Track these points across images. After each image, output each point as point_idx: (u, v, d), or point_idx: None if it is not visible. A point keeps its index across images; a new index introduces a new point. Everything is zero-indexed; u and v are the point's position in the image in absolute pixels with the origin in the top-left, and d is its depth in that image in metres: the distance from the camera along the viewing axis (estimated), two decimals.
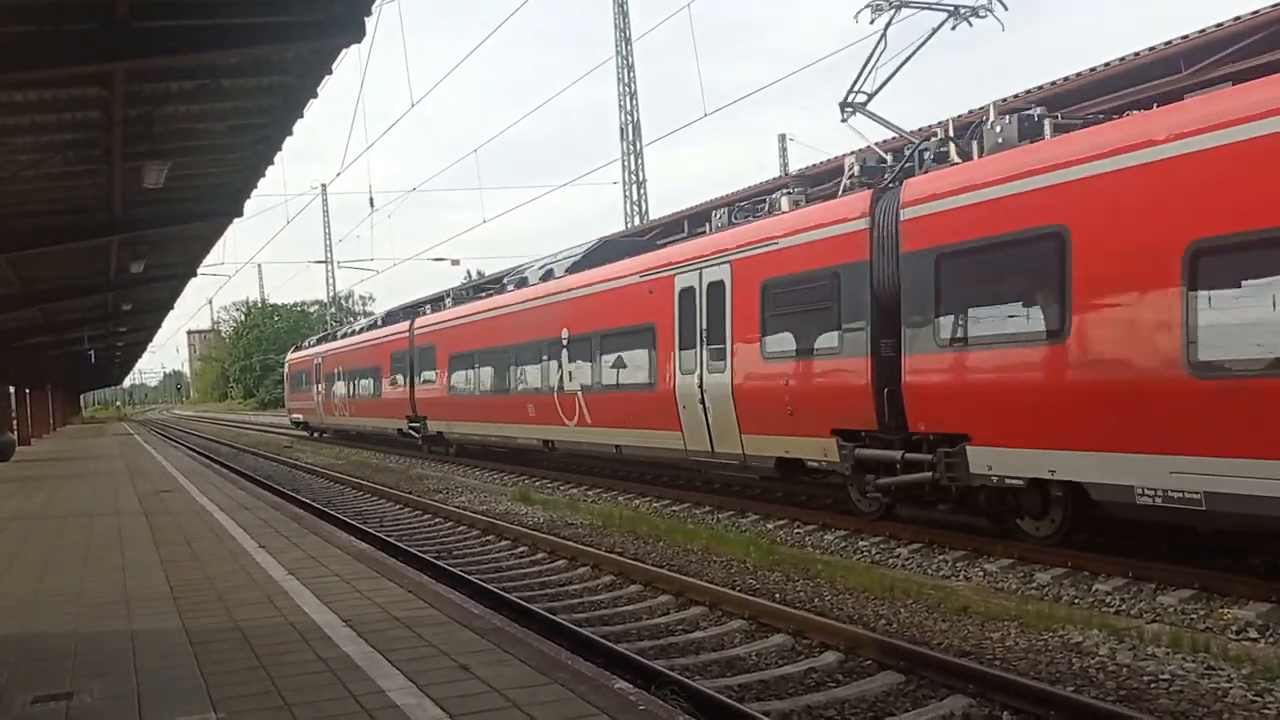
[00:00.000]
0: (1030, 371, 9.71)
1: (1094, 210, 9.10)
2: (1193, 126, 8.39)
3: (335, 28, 9.66)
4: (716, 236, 15.02)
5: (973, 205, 10.26)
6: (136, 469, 23.02)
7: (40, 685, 5.51)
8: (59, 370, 53.82)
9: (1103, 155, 9.08)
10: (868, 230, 11.65)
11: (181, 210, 17.93)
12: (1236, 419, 7.89)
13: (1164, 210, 8.47)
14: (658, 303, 15.78)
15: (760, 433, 13.71)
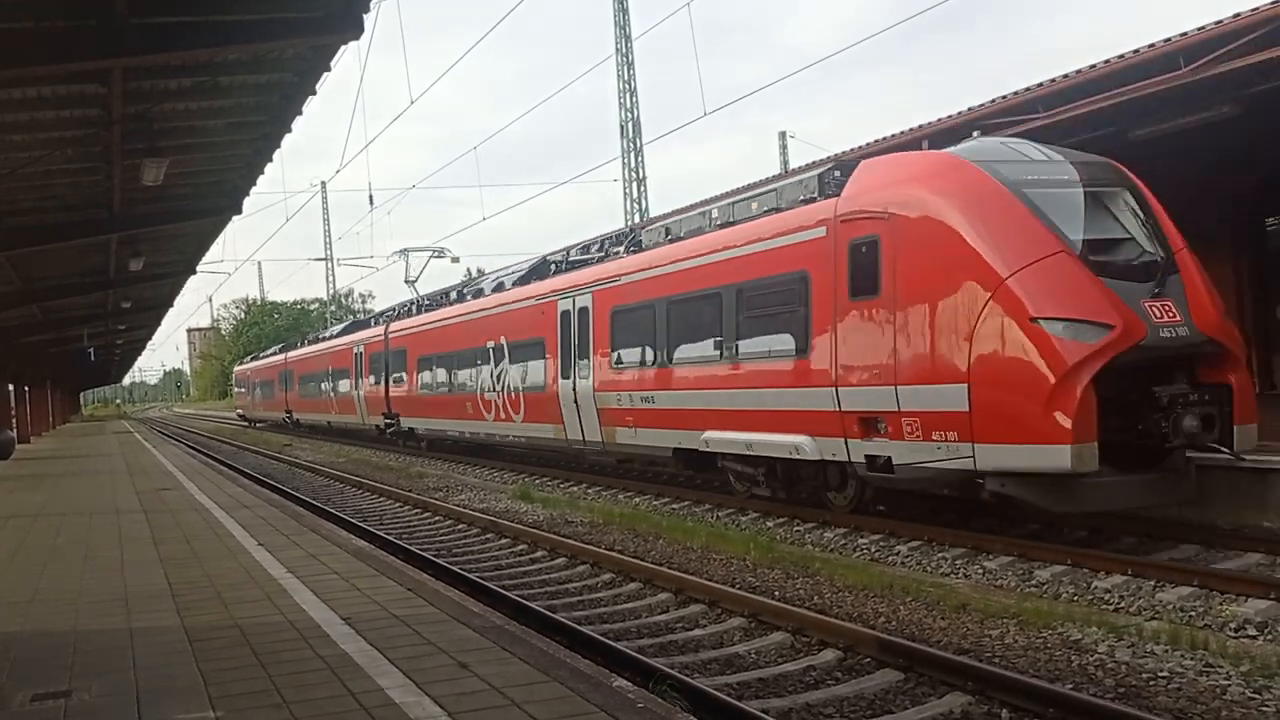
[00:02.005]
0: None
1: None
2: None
3: (334, 24, 9.65)
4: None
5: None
6: (136, 467, 23.03)
7: (39, 683, 5.51)
8: (59, 368, 53.81)
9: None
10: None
11: (181, 208, 17.93)
12: None
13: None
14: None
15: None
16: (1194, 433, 9.86)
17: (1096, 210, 10.69)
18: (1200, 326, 10.10)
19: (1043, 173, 10.97)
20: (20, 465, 26.24)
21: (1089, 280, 9.92)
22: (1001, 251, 10.15)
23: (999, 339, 9.98)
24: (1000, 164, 10.95)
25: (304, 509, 14.42)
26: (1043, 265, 9.98)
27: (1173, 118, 14.45)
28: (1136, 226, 10.83)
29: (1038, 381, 9.62)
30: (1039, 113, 14.24)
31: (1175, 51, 12.55)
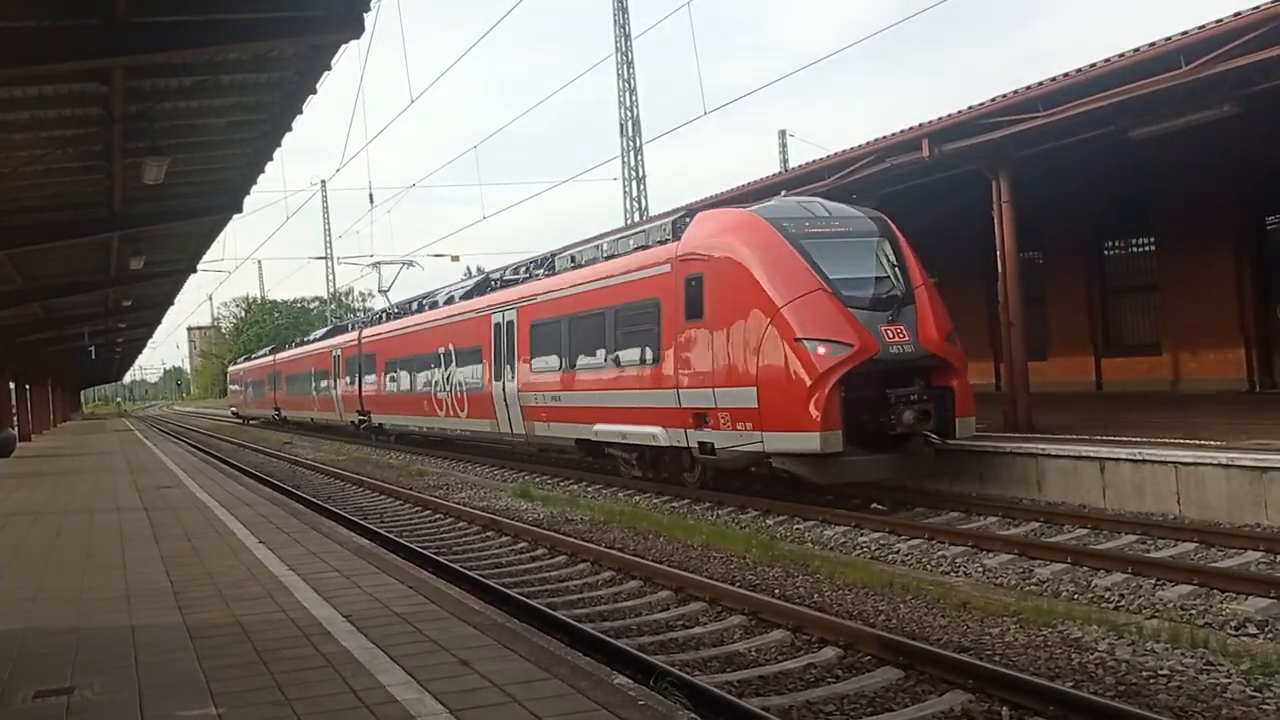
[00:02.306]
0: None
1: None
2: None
3: (334, 23, 9.65)
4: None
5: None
6: (137, 465, 23.05)
7: (41, 680, 5.52)
8: (60, 366, 53.80)
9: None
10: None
11: (181, 206, 17.93)
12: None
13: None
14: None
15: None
16: (912, 423, 13.03)
17: (853, 256, 14.00)
18: (925, 345, 13.33)
19: (818, 226, 14.28)
20: (21, 463, 26.25)
21: (838, 310, 13.17)
22: (777, 288, 13.44)
23: (775, 353, 13.24)
24: (786, 220, 14.24)
25: (305, 507, 14.44)
26: (805, 299, 13.24)
27: (1173, 116, 14.44)
28: (885, 268, 14.04)
29: (799, 385, 12.89)
30: (1039, 112, 14.24)
31: (1175, 50, 12.54)
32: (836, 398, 12.74)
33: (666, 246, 15.87)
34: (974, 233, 21.39)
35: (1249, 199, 19.90)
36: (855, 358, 12.90)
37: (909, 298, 13.69)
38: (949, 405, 13.42)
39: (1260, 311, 19.86)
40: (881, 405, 13.15)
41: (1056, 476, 13.23)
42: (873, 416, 13.20)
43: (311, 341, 43.11)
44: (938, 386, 13.52)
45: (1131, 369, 22.30)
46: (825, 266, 13.54)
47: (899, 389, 13.18)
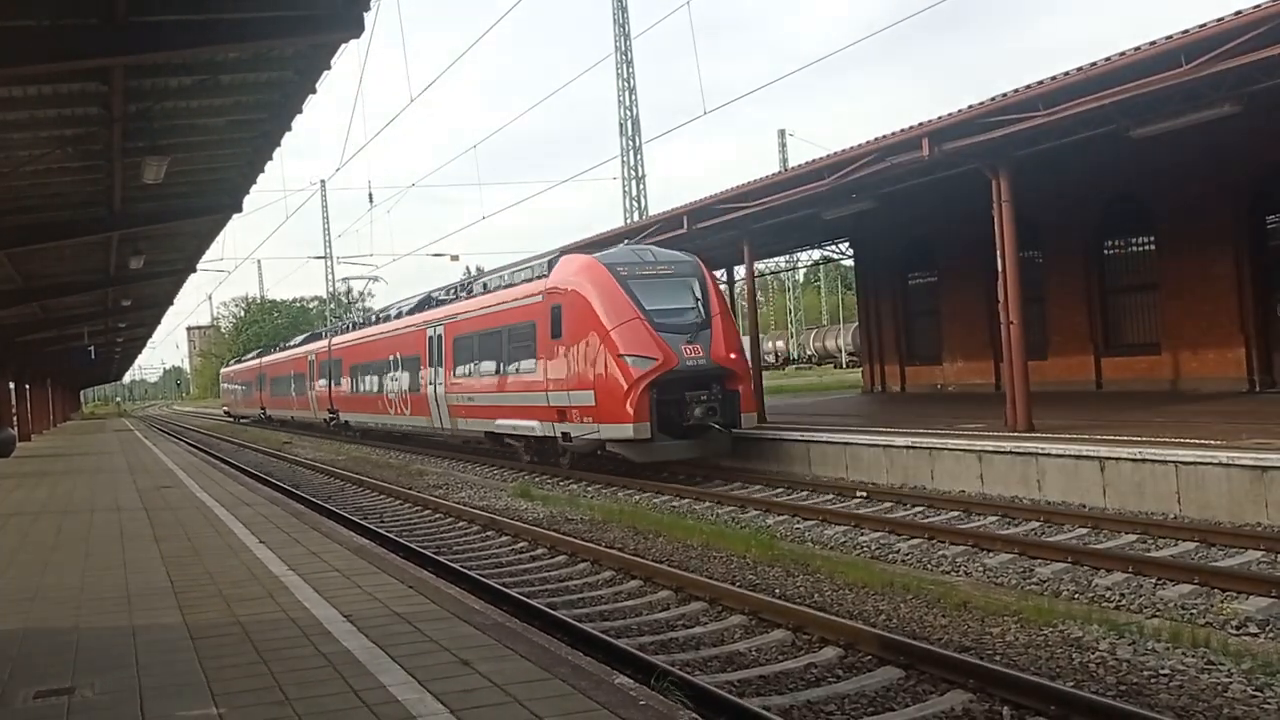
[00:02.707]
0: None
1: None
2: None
3: (334, 23, 9.64)
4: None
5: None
6: (137, 464, 23.04)
7: (42, 680, 5.52)
8: (59, 366, 53.76)
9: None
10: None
11: (181, 206, 17.92)
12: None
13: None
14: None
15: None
16: (701, 417, 17.46)
17: (667, 292, 18.47)
18: (715, 360, 17.81)
19: (643, 269, 18.68)
20: (21, 463, 26.24)
21: (650, 333, 17.57)
22: (609, 316, 17.86)
23: (605, 365, 17.71)
24: (619, 265, 18.62)
25: (305, 507, 14.43)
26: (627, 324, 17.68)
27: (1173, 116, 14.42)
28: (691, 301, 18.51)
29: (620, 389, 17.37)
30: (1039, 111, 14.22)
31: (1176, 49, 12.52)
32: (647, 398, 17.30)
33: (541, 281, 20.45)
34: (974, 232, 21.36)
35: (1249, 198, 19.88)
36: (660, 369, 17.42)
37: (707, 324, 18.26)
38: (735, 404, 17.97)
39: (1260, 310, 19.84)
40: (681, 404, 17.52)
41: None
42: (675, 412, 17.56)
43: (292, 347, 48.05)
44: (728, 390, 17.92)
45: (1131, 368, 22.28)
46: (644, 300, 18.06)
47: (695, 392, 17.58)
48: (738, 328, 20.24)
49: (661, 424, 17.49)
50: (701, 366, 17.74)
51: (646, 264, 18.97)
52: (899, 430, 16.74)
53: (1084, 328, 23.19)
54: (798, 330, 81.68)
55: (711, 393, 17.69)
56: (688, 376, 17.64)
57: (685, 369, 17.59)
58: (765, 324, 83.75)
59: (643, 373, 17.31)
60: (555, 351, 19.27)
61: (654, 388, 17.35)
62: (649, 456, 17.81)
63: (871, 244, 30.73)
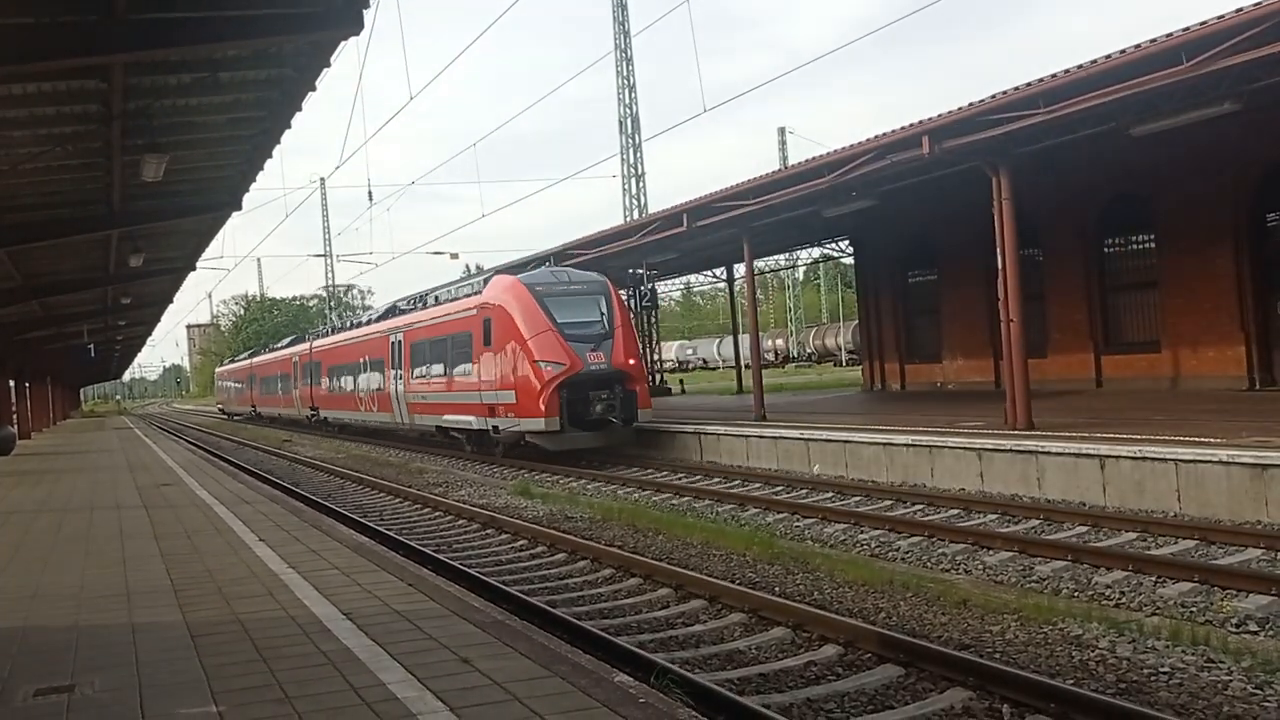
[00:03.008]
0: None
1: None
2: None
3: (334, 20, 9.62)
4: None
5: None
6: (136, 462, 23.04)
7: (42, 678, 5.52)
8: (59, 364, 53.75)
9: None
10: None
11: (180, 204, 17.89)
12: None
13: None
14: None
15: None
16: (601, 413, 20.81)
17: (577, 307, 21.77)
18: (616, 365, 21.20)
19: (558, 288, 22.14)
20: (21, 461, 26.24)
21: (560, 343, 20.92)
22: (526, 327, 21.24)
23: (523, 369, 21.08)
24: (537, 284, 22.13)
25: (304, 505, 14.43)
26: (541, 335, 21.02)
27: (1174, 113, 14.42)
28: (597, 315, 21.83)
29: (535, 389, 20.81)
30: (1039, 108, 14.21)
31: (1177, 47, 12.50)
32: (558, 397, 20.69)
33: (476, 297, 23.95)
34: (974, 230, 21.36)
35: (1249, 196, 19.87)
36: (568, 372, 20.80)
37: (610, 335, 21.64)
38: (633, 402, 21.35)
39: (1260, 308, 19.84)
40: (587, 401, 20.83)
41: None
42: (582, 408, 20.84)
43: (279, 349, 51.88)
44: (627, 390, 21.27)
45: (1131, 366, 22.28)
46: (557, 314, 21.43)
47: (598, 391, 20.92)
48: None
49: (571, 418, 20.86)
50: (603, 370, 21.21)
51: (561, 283, 22.60)
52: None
53: (1084, 325, 23.19)
54: (797, 328, 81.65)
55: (613, 392, 21.08)
56: (592, 378, 21.03)
57: (590, 372, 21.02)
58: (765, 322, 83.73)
59: (553, 375, 20.81)
60: (486, 357, 22.81)
61: (563, 388, 20.77)
62: (560, 445, 21.22)
63: (871, 242, 30.74)
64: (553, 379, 20.69)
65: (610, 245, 26.37)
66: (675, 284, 46.86)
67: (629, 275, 36.55)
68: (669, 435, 21.83)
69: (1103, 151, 19.09)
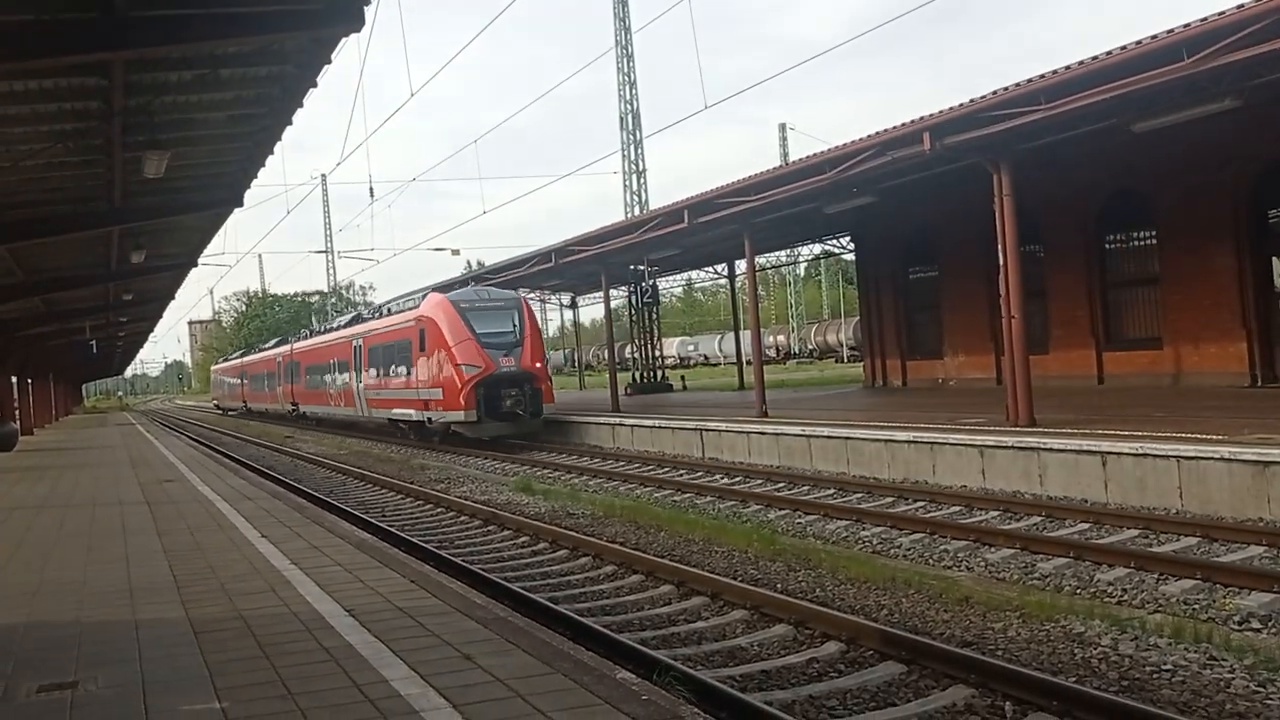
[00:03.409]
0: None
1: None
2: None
3: (335, 16, 9.60)
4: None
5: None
6: (139, 458, 23.06)
7: (45, 674, 5.53)
8: (61, 360, 53.74)
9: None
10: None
11: (182, 200, 17.89)
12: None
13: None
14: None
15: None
16: (511, 408, 25.31)
17: (494, 319, 26.28)
18: (524, 367, 25.77)
19: (479, 304, 26.67)
20: (23, 457, 26.27)
21: (478, 349, 25.35)
22: (451, 336, 25.68)
23: (449, 371, 25.53)
24: (462, 301, 26.71)
25: (306, 501, 14.44)
26: (463, 343, 25.47)
27: (1175, 109, 14.40)
28: (510, 326, 26.39)
29: (457, 387, 25.23)
30: (1040, 105, 14.19)
31: (1178, 43, 12.48)
32: (475, 394, 25.40)
33: (415, 310, 28.62)
34: (975, 226, 21.34)
35: (1251, 192, 19.85)
36: (483, 373, 25.48)
37: (520, 342, 26.31)
38: (538, 399, 26.07)
39: (1262, 305, 19.82)
40: (499, 397, 25.57)
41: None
42: (495, 403, 25.57)
43: (265, 350, 57.34)
44: (534, 388, 26.03)
45: (1133, 362, 22.27)
46: (476, 326, 26.02)
47: (508, 389, 25.67)
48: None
49: (487, 411, 25.53)
50: (514, 372, 25.87)
51: (482, 300, 27.33)
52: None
53: (1085, 322, 23.17)
54: (799, 325, 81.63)
55: (521, 390, 25.85)
56: (504, 379, 25.73)
57: (502, 373, 25.68)
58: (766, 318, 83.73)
59: (472, 376, 25.52)
60: (421, 361, 27.50)
61: (480, 386, 25.49)
62: (479, 433, 25.93)
63: (873, 238, 30.71)
64: (472, 379, 25.47)
65: (612, 241, 26.34)
66: (677, 280, 46.88)
67: (630, 271, 36.57)
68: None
69: (1104, 147, 19.06)
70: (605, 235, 26.74)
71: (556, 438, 26.73)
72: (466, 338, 25.69)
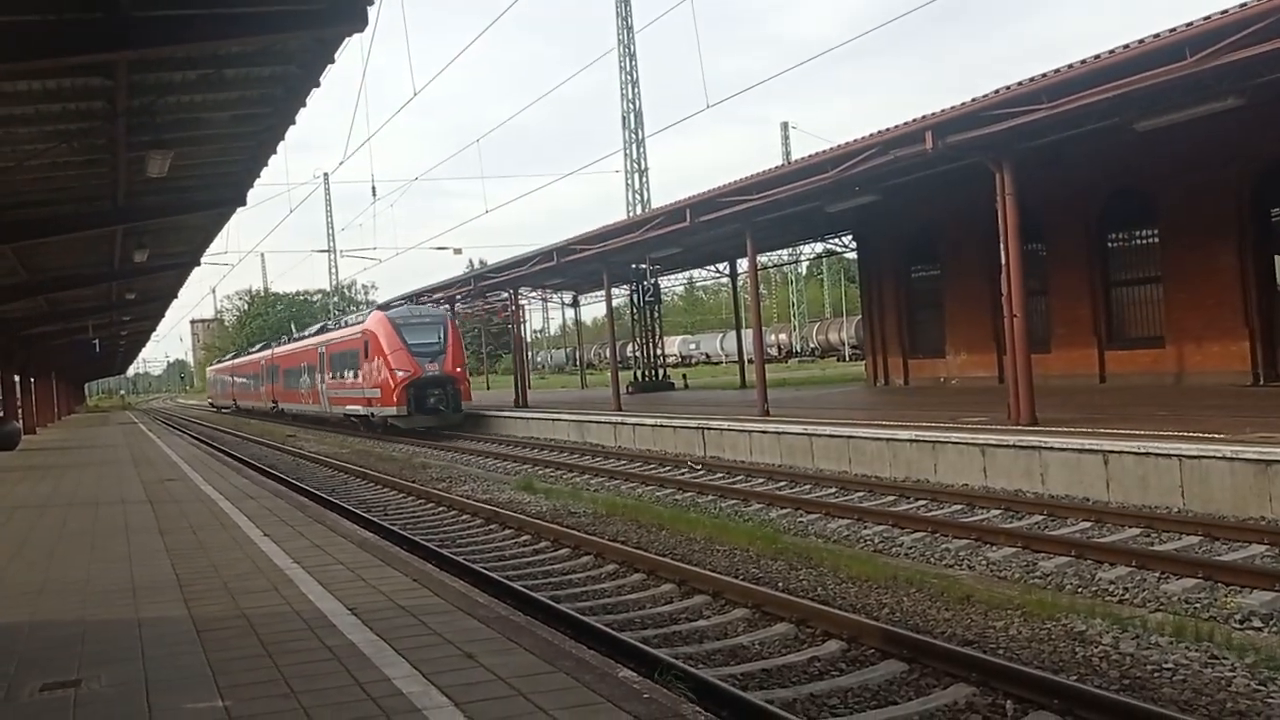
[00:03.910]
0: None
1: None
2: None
3: (338, 16, 9.63)
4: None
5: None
6: (141, 457, 23.09)
7: (49, 673, 5.54)
8: (63, 359, 53.85)
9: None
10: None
11: (185, 200, 17.93)
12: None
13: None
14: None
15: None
16: (435, 405, 31.59)
17: (423, 332, 32.57)
18: (445, 372, 32.01)
19: (411, 320, 33.24)
20: (26, 456, 26.30)
21: (409, 356, 31.68)
22: (387, 346, 32.11)
23: (385, 375, 31.90)
24: (397, 318, 33.34)
25: (309, 500, 14.45)
26: (397, 351, 31.82)
27: (1177, 108, 14.39)
28: (437, 338, 32.51)
29: (391, 388, 31.69)
30: (1043, 103, 14.19)
31: (1180, 42, 12.47)
32: (406, 393, 31.19)
33: (361, 324, 34.84)
34: (977, 225, 21.33)
35: (1254, 190, 19.84)
36: (412, 377, 31.28)
37: (444, 351, 32.11)
38: (457, 397, 31.99)
39: (1264, 304, 19.81)
40: (424, 396, 31.32)
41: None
42: (422, 401, 31.31)
43: (251, 354, 63.41)
44: (454, 389, 31.89)
45: (1135, 361, 22.26)
46: (408, 337, 31.94)
47: (433, 389, 31.46)
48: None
49: (416, 407, 31.56)
50: (437, 375, 31.91)
51: (414, 316, 34.01)
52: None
53: (1087, 321, 23.17)
54: (800, 323, 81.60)
55: (444, 390, 31.94)
56: (430, 381, 31.74)
57: (427, 377, 31.69)
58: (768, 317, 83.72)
59: (403, 379, 31.57)
60: (364, 366, 33.72)
61: (410, 387, 31.55)
62: (409, 425, 31.73)
63: (875, 237, 30.71)
64: (403, 381, 31.53)
65: (613, 240, 26.36)
66: (678, 279, 46.89)
67: (632, 270, 36.58)
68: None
69: (1106, 146, 19.05)
70: (607, 234, 26.75)
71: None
72: (399, 347, 31.83)
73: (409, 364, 31.36)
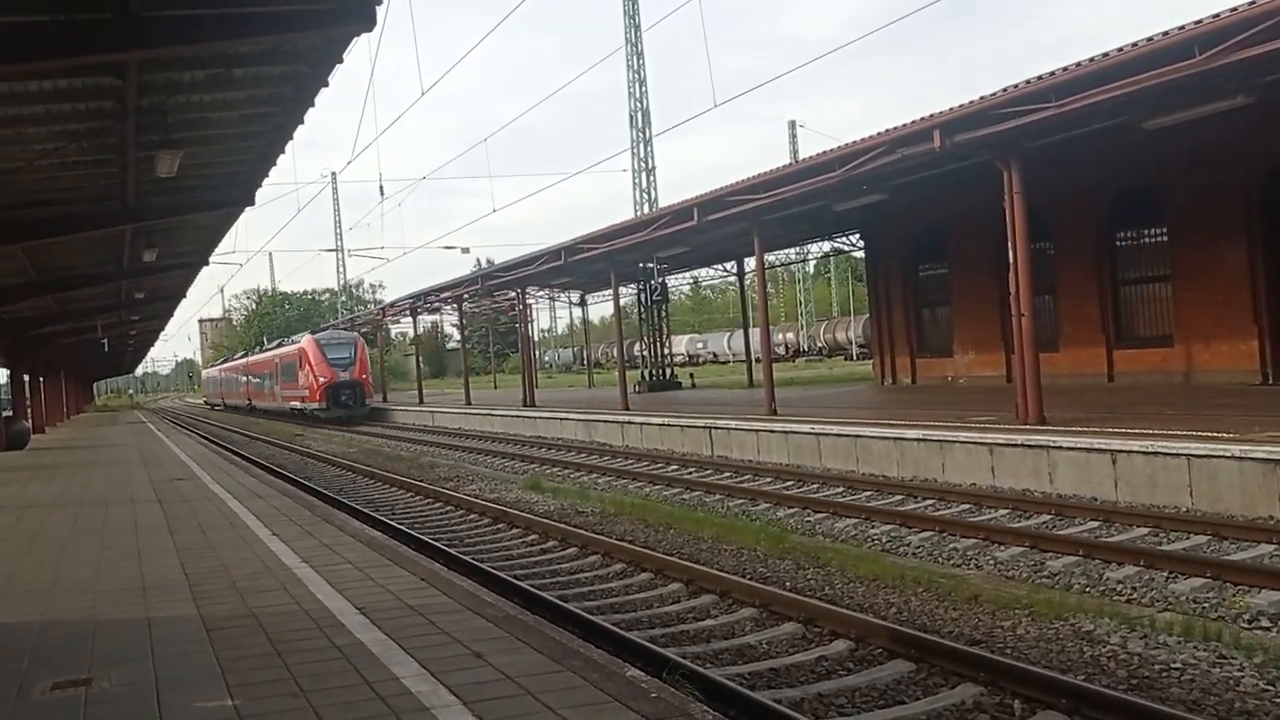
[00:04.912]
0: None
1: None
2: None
3: (346, 16, 9.65)
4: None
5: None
6: (150, 457, 23.17)
7: (59, 671, 5.57)
8: (72, 359, 54.06)
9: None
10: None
11: (194, 199, 17.98)
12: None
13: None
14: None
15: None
16: (346, 401, 45.74)
17: (340, 348, 47.12)
18: (354, 377, 46.43)
19: (331, 340, 48.61)
20: (36, 455, 26.42)
21: (328, 366, 46.09)
22: (313, 359, 46.60)
23: (311, 380, 46.50)
24: (321, 339, 48.85)
25: (317, 499, 14.49)
26: (320, 364, 46.22)
27: (1186, 107, 14.35)
28: (348, 353, 46.91)
29: (316, 389, 46.00)
30: (1051, 102, 14.15)
31: (1189, 40, 12.43)
32: (325, 393, 45.07)
33: (297, 344, 49.06)
34: (985, 224, 21.31)
35: (1263, 189, 19.78)
36: (330, 381, 45.23)
37: (354, 362, 46.12)
38: (363, 395, 46.37)
39: (1273, 302, 19.74)
40: (338, 395, 45.16)
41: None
42: (337, 398, 44.99)
43: (235, 360, 73.89)
44: (361, 390, 46.18)
45: (1143, 360, 22.21)
46: (328, 353, 45.86)
47: (345, 390, 45.37)
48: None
49: (333, 403, 44.24)
50: (348, 380, 45.05)
51: (335, 338, 47.88)
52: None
53: (1096, 320, 23.12)
54: (808, 322, 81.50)
55: (354, 390, 45.16)
56: (342, 384, 44.81)
57: (341, 381, 44.74)
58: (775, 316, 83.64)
59: (324, 382, 44.55)
60: (299, 373, 46.64)
61: (329, 389, 44.41)
62: (329, 416, 43.95)
63: (882, 236, 30.68)
64: (323, 384, 44.72)
65: (621, 239, 26.36)
66: (685, 278, 46.89)
67: (640, 269, 36.59)
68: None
69: (1114, 145, 19.00)
70: (614, 233, 26.75)
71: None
72: (322, 360, 45.32)
73: (329, 372, 45.06)
